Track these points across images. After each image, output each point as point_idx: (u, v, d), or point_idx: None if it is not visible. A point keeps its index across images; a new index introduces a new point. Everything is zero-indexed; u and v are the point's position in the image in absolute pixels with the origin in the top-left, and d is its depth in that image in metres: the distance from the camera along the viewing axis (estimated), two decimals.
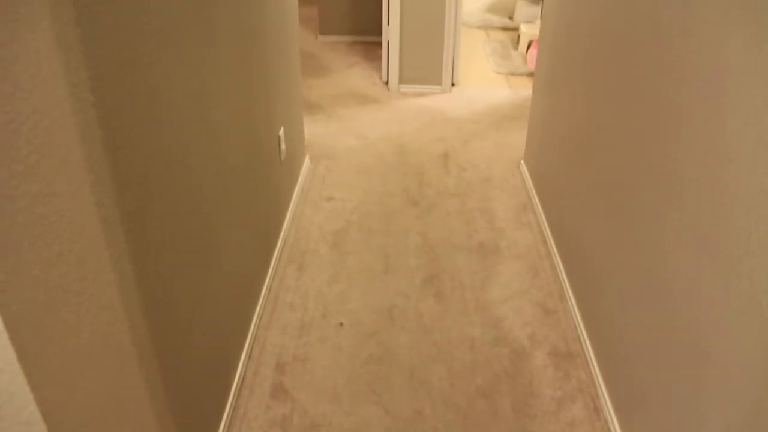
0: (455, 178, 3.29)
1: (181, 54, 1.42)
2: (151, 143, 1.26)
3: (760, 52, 1.15)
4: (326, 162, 3.43)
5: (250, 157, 2.11)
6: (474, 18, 6.47)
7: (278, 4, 2.48)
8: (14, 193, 0.82)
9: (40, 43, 0.87)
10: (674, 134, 1.51)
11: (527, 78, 4.85)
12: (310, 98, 4.33)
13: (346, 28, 5.66)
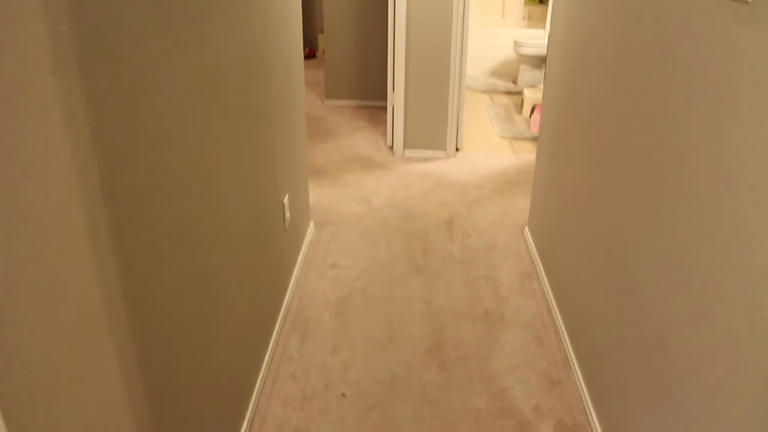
0: (460, 245, 3.30)
1: (187, 127, 1.44)
2: (154, 217, 1.27)
3: (758, 134, 1.17)
4: (331, 228, 3.44)
5: (254, 227, 2.12)
6: (478, 82, 6.58)
7: (284, 70, 2.53)
8: (18, 277, 0.82)
9: (50, 131, 0.88)
10: (677, 210, 1.52)
11: (531, 142, 4.90)
12: (316, 163, 4.37)
13: (352, 93, 5.76)
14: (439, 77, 4.34)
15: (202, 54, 1.53)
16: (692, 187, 1.44)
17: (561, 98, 2.77)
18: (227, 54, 1.73)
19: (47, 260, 0.89)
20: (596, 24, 2.25)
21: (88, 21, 0.98)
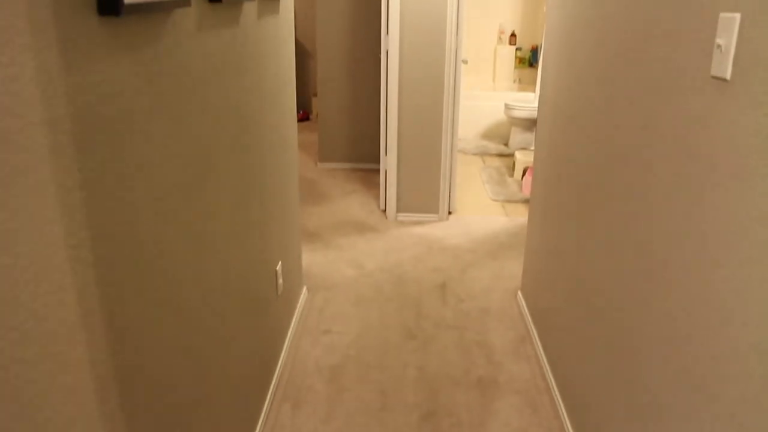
0: (453, 310, 3.29)
1: (180, 199, 1.46)
2: (146, 290, 1.28)
3: (743, 207, 1.19)
4: (324, 293, 3.44)
5: (247, 295, 2.12)
6: (470, 145, 6.66)
7: (278, 137, 2.57)
8: (9, 359, 0.82)
9: (45, 213, 0.90)
10: (668, 278, 1.53)
11: (523, 205, 4.94)
12: (309, 226, 4.39)
13: (346, 156, 5.82)
14: (431, 141, 4.40)
15: (196, 126, 1.55)
16: (681, 256, 1.45)
17: (552, 161, 2.81)
18: (221, 124, 1.76)
19: (38, 343, 0.89)
20: (583, 92, 2.31)
21: (85, 103, 1.00)
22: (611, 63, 1.99)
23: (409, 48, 4.20)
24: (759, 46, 1.16)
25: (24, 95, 0.84)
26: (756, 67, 1.16)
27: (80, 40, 0.98)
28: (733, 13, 1.24)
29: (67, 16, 0.94)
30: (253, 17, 2.05)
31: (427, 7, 4.13)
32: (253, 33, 2.06)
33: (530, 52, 7.62)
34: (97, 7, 1.02)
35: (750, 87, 1.18)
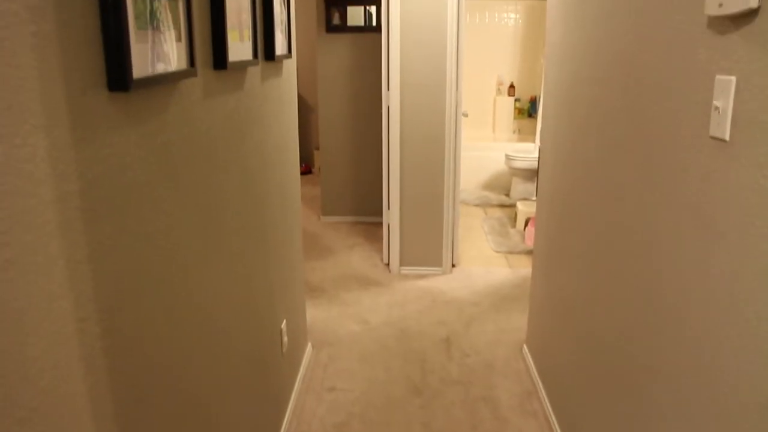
0: (458, 365, 3.26)
1: (186, 265, 1.46)
2: (152, 355, 1.27)
3: (748, 264, 1.19)
4: (328, 349, 3.41)
5: (252, 355, 2.11)
6: (472, 196, 6.70)
7: (282, 195, 2.58)
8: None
9: (53, 289, 0.90)
10: (673, 333, 1.52)
11: (526, 256, 4.94)
12: (313, 281, 4.38)
13: (348, 209, 5.84)
14: (433, 194, 4.43)
15: (202, 191, 1.57)
16: (687, 312, 1.45)
17: (553, 213, 2.82)
18: (226, 187, 1.78)
19: (45, 421, 0.88)
20: (583, 145, 2.33)
21: (95, 177, 1.02)
22: (610, 119, 2.02)
23: (409, 103, 4.26)
24: (756, 109, 1.18)
25: (36, 175, 0.86)
26: (754, 129, 1.18)
27: (90, 116, 1.00)
28: (729, 75, 1.27)
29: (78, 93, 0.96)
30: (257, 81, 2.09)
31: (427, 63, 4.20)
32: (257, 96, 2.10)
33: (529, 103, 7.71)
34: (107, 83, 1.05)
35: (749, 148, 1.20)
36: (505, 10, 7.47)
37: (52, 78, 0.90)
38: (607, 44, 2.05)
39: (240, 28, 1.81)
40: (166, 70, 1.25)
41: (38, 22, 0.87)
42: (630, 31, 1.84)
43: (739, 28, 1.24)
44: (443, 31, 4.16)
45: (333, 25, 5.41)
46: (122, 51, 1.03)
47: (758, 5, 1.16)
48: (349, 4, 5.35)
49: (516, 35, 7.51)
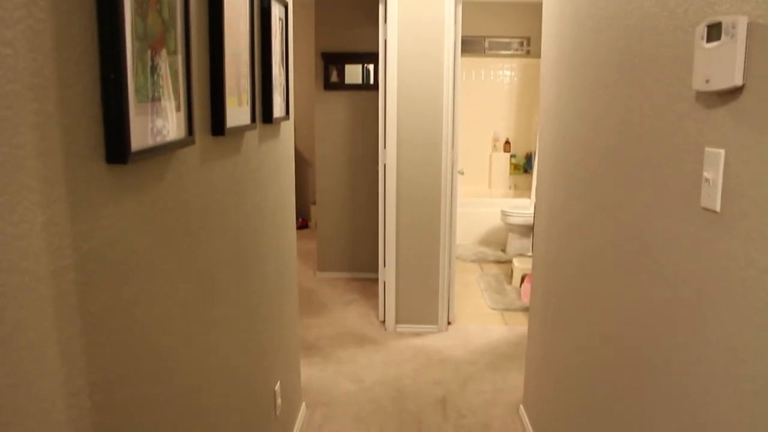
0: (454, 426, 3.22)
1: (180, 331, 1.46)
2: (145, 423, 1.26)
3: (741, 335, 1.19)
4: (323, 409, 3.37)
5: (245, 419, 2.08)
6: (468, 251, 6.70)
7: (277, 255, 2.59)
8: None
9: (45, 364, 0.90)
10: (670, 399, 1.51)
11: (523, 314, 4.92)
12: (308, 338, 4.35)
13: (345, 265, 5.84)
14: (429, 251, 4.44)
15: (199, 256, 1.57)
16: (681, 379, 1.44)
17: (549, 270, 2.82)
18: (220, 251, 1.78)
19: None
20: (577, 205, 2.35)
21: (90, 249, 1.02)
22: (602, 184, 2.04)
23: (406, 161, 4.30)
24: (746, 182, 1.19)
25: (31, 250, 0.87)
26: (745, 202, 1.19)
27: (88, 189, 1.01)
28: (718, 148, 1.29)
29: (77, 166, 0.98)
30: (254, 144, 2.12)
31: (423, 121, 4.25)
32: (254, 159, 2.12)
33: (525, 159, 7.78)
34: (106, 155, 1.06)
35: (741, 221, 1.21)
36: (501, 67, 7.61)
37: (52, 153, 0.91)
38: (599, 112, 2.08)
39: (238, 92, 1.84)
40: (164, 140, 1.26)
41: (40, 101, 0.88)
42: (621, 100, 1.87)
43: (725, 103, 1.26)
44: (439, 90, 4.22)
45: (331, 82, 5.49)
46: (122, 125, 1.05)
47: (743, 83, 1.19)
48: (347, 62, 5.44)
49: (511, 92, 7.63)
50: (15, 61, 0.83)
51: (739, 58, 1.19)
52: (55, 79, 0.92)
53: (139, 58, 1.13)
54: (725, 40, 1.22)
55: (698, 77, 1.33)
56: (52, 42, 0.91)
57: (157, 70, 1.22)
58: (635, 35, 1.76)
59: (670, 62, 1.52)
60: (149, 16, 1.18)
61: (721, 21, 1.24)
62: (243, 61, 1.88)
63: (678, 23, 1.48)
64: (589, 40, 2.20)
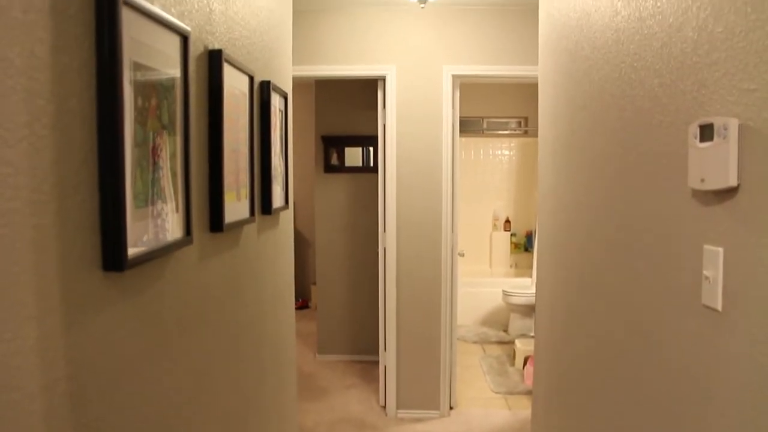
0: None
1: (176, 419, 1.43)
2: None
3: None
4: None
5: None
6: (470, 332, 6.63)
7: (276, 343, 2.55)
8: None
9: None
10: None
11: (526, 397, 4.82)
12: (306, 424, 4.26)
13: (345, 347, 5.77)
14: (430, 335, 4.39)
15: (193, 354, 1.55)
16: None
17: (551, 355, 2.78)
18: (217, 347, 1.76)
19: None
20: (576, 299, 2.33)
21: (84, 359, 1.01)
22: (602, 275, 2.03)
23: (405, 244, 4.30)
24: (746, 282, 1.18)
25: (24, 368, 0.85)
26: (747, 302, 1.18)
27: (83, 298, 1.01)
28: (716, 247, 1.29)
29: (72, 276, 0.97)
30: (253, 236, 2.12)
31: (423, 204, 4.28)
32: (252, 250, 2.12)
33: (525, 238, 7.80)
34: (102, 263, 1.06)
35: (743, 321, 1.19)
36: (499, 146, 7.71)
37: (48, 266, 0.91)
38: (598, 201, 2.09)
39: (237, 187, 1.85)
40: (162, 243, 1.26)
41: (39, 215, 0.89)
42: (619, 191, 1.88)
43: (722, 201, 1.27)
44: (438, 172, 4.26)
45: (331, 164, 5.56)
46: (119, 233, 1.06)
47: (737, 183, 1.20)
48: (347, 145, 5.52)
49: (510, 170, 7.72)
50: (15, 179, 0.83)
51: (733, 159, 1.20)
52: (54, 194, 0.92)
53: (138, 164, 1.14)
54: (718, 141, 1.24)
55: (693, 176, 1.34)
56: (52, 156, 0.92)
57: (156, 174, 1.23)
58: (630, 128, 1.78)
59: (666, 158, 1.54)
60: (149, 122, 1.20)
61: (712, 122, 1.25)
62: (242, 156, 1.90)
63: (671, 120, 1.51)
64: (585, 129, 2.23)
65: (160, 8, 1.30)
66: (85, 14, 1.01)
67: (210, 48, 1.63)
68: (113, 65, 1.03)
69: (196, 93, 1.52)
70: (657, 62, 1.58)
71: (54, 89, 0.92)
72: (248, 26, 2.06)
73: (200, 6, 1.57)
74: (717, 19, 1.28)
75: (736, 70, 1.21)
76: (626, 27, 1.80)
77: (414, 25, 4.23)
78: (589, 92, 2.16)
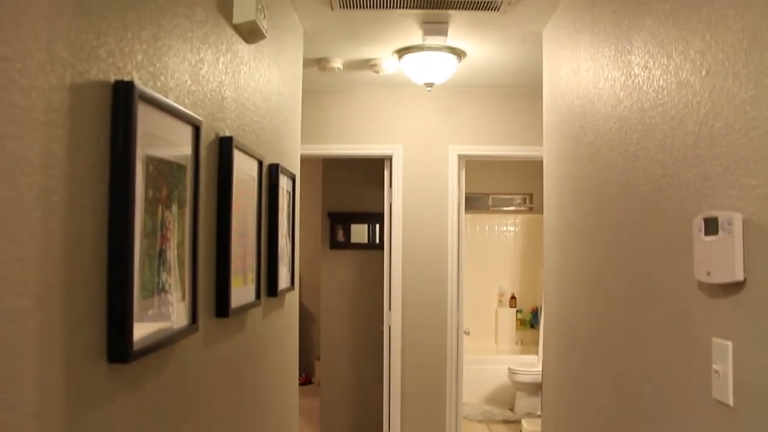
0: None
1: None
2: None
3: None
4: None
5: None
6: (475, 411, 6.50)
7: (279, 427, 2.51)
8: None
9: None
10: None
11: None
12: None
13: (349, 426, 5.65)
14: (435, 413, 4.31)
15: None
16: None
17: None
18: (220, 429, 1.73)
19: None
20: (586, 382, 2.29)
21: None
22: (613, 359, 2.00)
23: (411, 323, 4.28)
24: (758, 378, 1.17)
25: None
26: (760, 399, 1.16)
27: (86, 391, 1.00)
28: (725, 340, 1.28)
29: (76, 368, 0.97)
30: (258, 318, 2.11)
31: (428, 282, 4.27)
32: (257, 333, 2.11)
33: (531, 314, 7.73)
34: (107, 355, 1.06)
35: (757, 420, 1.17)
36: (504, 222, 7.74)
37: (53, 360, 0.91)
38: (606, 287, 2.08)
39: (244, 272, 1.86)
40: (167, 333, 1.26)
41: (46, 310, 0.89)
42: (626, 280, 1.87)
43: (729, 295, 1.27)
44: (444, 250, 4.28)
45: (337, 241, 5.57)
46: (124, 325, 1.06)
47: (744, 278, 1.20)
48: (353, 222, 5.55)
49: (516, 246, 7.71)
50: (24, 276, 0.84)
51: (738, 253, 1.20)
52: (62, 288, 0.93)
53: (146, 254, 1.15)
54: (723, 235, 1.24)
55: (699, 269, 1.34)
56: (62, 251, 0.93)
57: (164, 263, 1.24)
58: (636, 216, 1.79)
59: (671, 248, 1.54)
60: (159, 212, 1.21)
61: (717, 216, 1.26)
62: (250, 239, 1.92)
63: (675, 210, 1.52)
64: (591, 213, 2.24)
65: (174, 100, 1.33)
66: (102, 110, 1.04)
67: (221, 135, 1.67)
68: (127, 160, 1.05)
69: (205, 180, 1.54)
70: (660, 153, 1.60)
71: (68, 185, 0.94)
72: (258, 111, 2.10)
73: (213, 95, 1.62)
74: (717, 115, 1.31)
75: (738, 166, 1.23)
76: (629, 116, 1.83)
77: (420, 106, 4.32)
78: (594, 178, 2.18)
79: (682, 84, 1.47)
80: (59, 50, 0.92)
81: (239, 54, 1.87)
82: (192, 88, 1.46)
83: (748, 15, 1.19)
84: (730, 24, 1.26)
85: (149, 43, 1.23)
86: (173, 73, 1.34)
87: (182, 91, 1.40)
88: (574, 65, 2.44)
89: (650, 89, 1.67)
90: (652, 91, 1.66)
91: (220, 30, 1.68)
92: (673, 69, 1.53)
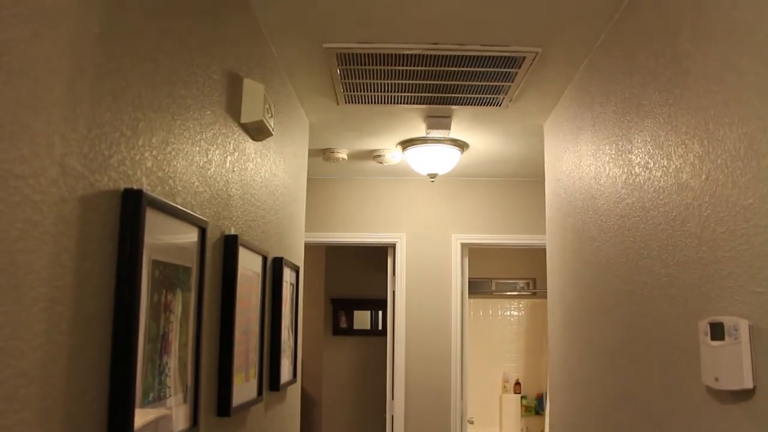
0: None
1: None
2: None
3: None
4: None
5: None
6: None
7: None
8: None
9: None
10: None
11: None
12: None
13: None
14: None
15: None
16: None
17: None
18: None
19: None
20: None
21: None
22: None
23: (414, 413, 4.19)
24: None
25: None
26: None
27: None
28: None
29: None
30: (260, 414, 2.08)
31: (431, 370, 4.21)
32: (260, 427, 2.07)
33: (536, 400, 7.57)
34: None
35: None
36: (508, 307, 7.68)
37: None
38: (610, 385, 2.05)
39: (246, 367, 1.84)
40: None
41: (47, 423, 0.88)
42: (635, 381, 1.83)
43: (738, 401, 1.25)
44: (447, 337, 4.23)
45: (340, 327, 5.54)
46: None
47: (753, 385, 1.18)
48: (355, 308, 5.52)
49: (519, 331, 7.63)
50: (26, 390, 0.83)
51: (747, 361, 1.19)
52: (63, 399, 0.92)
53: (149, 359, 1.15)
54: (729, 341, 1.23)
55: (707, 374, 1.32)
56: (65, 362, 0.92)
57: (166, 367, 1.23)
58: (640, 315, 1.78)
59: (677, 349, 1.52)
60: (163, 316, 1.21)
61: (722, 321, 1.26)
62: (253, 335, 1.91)
63: (680, 311, 1.51)
64: (594, 310, 2.23)
65: (182, 203, 1.35)
66: (111, 218, 1.05)
67: (226, 234, 1.68)
68: (133, 267, 1.06)
69: (210, 278, 1.54)
70: (663, 253, 1.61)
71: (74, 294, 0.94)
72: (264, 206, 2.13)
73: (219, 194, 1.64)
74: (719, 220, 1.32)
75: (742, 271, 1.23)
76: (631, 214, 1.84)
77: (423, 195, 4.37)
78: (597, 272, 2.18)
79: (683, 186, 1.49)
80: (72, 163, 0.94)
81: (246, 152, 1.90)
82: (199, 189, 1.48)
83: (745, 125, 1.22)
84: (727, 132, 1.29)
85: (159, 149, 1.25)
86: (182, 176, 1.37)
87: (189, 193, 1.42)
88: (576, 160, 2.48)
89: (651, 189, 1.69)
90: (653, 191, 1.68)
91: (228, 130, 1.72)
92: (673, 171, 1.55)
